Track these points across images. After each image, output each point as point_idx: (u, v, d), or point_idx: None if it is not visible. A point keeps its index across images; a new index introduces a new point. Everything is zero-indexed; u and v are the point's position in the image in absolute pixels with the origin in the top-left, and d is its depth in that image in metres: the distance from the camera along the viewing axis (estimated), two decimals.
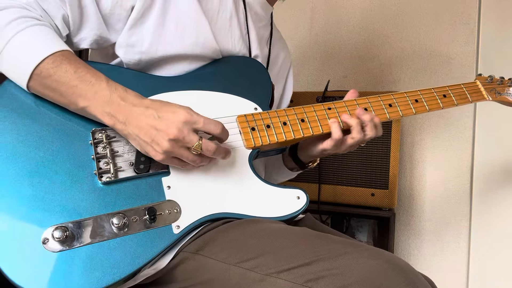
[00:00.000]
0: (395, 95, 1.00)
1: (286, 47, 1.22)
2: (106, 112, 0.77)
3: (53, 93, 0.78)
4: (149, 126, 0.75)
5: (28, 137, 0.77)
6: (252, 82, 0.96)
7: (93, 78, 0.77)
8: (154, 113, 0.76)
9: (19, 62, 0.77)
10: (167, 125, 0.74)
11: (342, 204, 1.64)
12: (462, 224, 1.79)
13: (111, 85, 0.77)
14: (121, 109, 0.76)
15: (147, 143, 0.76)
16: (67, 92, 0.77)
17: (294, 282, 0.68)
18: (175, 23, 0.88)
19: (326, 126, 0.93)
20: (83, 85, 0.76)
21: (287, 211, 0.86)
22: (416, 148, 1.86)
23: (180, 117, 0.75)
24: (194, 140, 0.76)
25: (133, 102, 0.77)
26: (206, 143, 0.77)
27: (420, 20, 1.86)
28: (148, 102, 0.77)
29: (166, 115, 0.75)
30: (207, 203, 0.82)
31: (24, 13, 0.78)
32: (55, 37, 0.80)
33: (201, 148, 0.76)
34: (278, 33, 1.18)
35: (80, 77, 0.76)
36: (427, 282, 0.72)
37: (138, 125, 0.76)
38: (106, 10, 0.86)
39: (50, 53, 0.76)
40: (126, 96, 0.77)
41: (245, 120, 0.89)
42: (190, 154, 0.77)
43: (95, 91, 0.76)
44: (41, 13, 0.81)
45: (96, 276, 0.72)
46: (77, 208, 0.75)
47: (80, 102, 0.77)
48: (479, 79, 1.12)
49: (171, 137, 0.74)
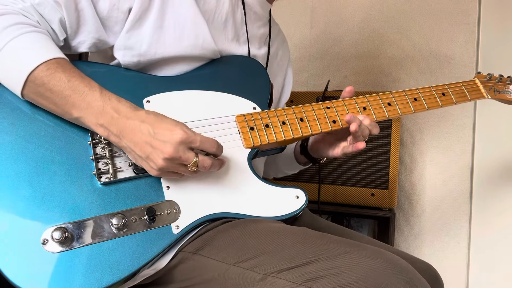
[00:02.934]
0: (394, 93, 1.00)
1: (285, 41, 1.22)
2: (100, 124, 0.76)
3: (47, 101, 0.77)
4: (144, 142, 0.74)
5: (27, 138, 0.77)
6: (251, 81, 0.96)
7: (86, 88, 0.76)
8: (150, 129, 0.74)
9: (13, 68, 0.76)
10: (163, 144, 0.73)
11: (342, 204, 1.64)
12: (462, 224, 1.79)
13: (104, 96, 0.76)
14: (114, 121, 0.75)
15: (142, 158, 0.76)
16: (60, 102, 0.76)
17: (294, 281, 0.68)
18: (173, 24, 0.88)
19: (325, 125, 0.93)
20: (76, 95, 0.75)
21: (286, 211, 0.85)
22: (416, 148, 1.86)
23: (176, 136, 0.74)
24: (190, 158, 0.75)
25: (127, 115, 0.75)
26: (202, 161, 0.76)
27: (420, 20, 1.86)
28: (142, 115, 0.76)
29: (162, 132, 0.74)
30: (206, 203, 0.82)
31: (20, 19, 0.78)
32: (51, 44, 0.79)
33: (197, 166, 0.76)
34: (277, 27, 1.18)
35: (73, 86, 0.75)
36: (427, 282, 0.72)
37: (132, 139, 0.75)
38: (104, 13, 0.85)
39: (44, 60, 0.75)
40: (119, 107, 0.76)
41: (244, 119, 0.89)
42: (186, 169, 0.77)
43: (88, 102, 0.75)
44: (38, 19, 0.81)
45: (96, 276, 0.72)
46: (77, 208, 0.75)
47: (74, 113, 0.76)
48: (478, 77, 1.12)
49: (167, 156, 0.73)
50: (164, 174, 0.78)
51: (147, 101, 0.86)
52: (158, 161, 0.74)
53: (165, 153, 0.73)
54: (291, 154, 1.15)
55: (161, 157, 0.74)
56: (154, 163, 0.75)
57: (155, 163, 0.74)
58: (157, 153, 0.74)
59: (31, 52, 0.76)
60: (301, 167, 1.16)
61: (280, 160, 1.19)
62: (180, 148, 0.74)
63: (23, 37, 0.76)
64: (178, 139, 0.74)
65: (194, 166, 0.76)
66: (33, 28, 0.78)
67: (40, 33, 0.79)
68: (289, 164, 1.18)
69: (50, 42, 0.79)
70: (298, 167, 1.17)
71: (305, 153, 1.09)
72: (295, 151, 1.14)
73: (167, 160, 0.74)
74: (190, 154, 0.75)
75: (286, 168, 1.20)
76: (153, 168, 0.76)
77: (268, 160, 1.19)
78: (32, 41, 0.77)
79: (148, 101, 0.86)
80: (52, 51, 0.78)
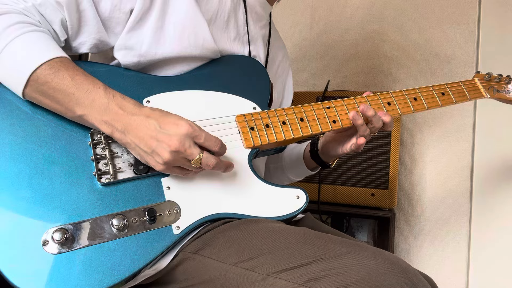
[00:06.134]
0: (393, 93, 1.00)
1: (284, 47, 1.22)
2: (104, 121, 0.76)
3: (49, 100, 0.77)
4: (149, 136, 0.75)
5: (26, 138, 0.77)
6: (251, 81, 0.96)
7: (90, 85, 0.76)
8: (156, 124, 0.75)
9: (15, 67, 0.76)
10: (169, 137, 0.74)
11: (342, 204, 1.64)
12: (462, 224, 1.79)
13: (109, 93, 0.77)
14: (119, 118, 0.76)
15: (147, 153, 0.76)
16: (64, 100, 0.76)
17: (294, 282, 0.68)
18: (174, 25, 0.88)
19: (325, 125, 0.93)
20: (80, 93, 0.76)
21: (286, 211, 0.85)
22: (416, 148, 1.86)
23: (182, 129, 0.75)
24: (195, 153, 0.75)
25: (132, 111, 0.76)
26: (206, 158, 0.77)
27: (420, 20, 1.86)
28: (147, 111, 0.77)
29: (168, 126, 0.75)
30: (207, 204, 0.82)
31: (22, 19, 0.78)
32: (53, 43, 0.79)
33: (200, 163, 0.76)
34: (276, 32, 1.18)
35: (77, 84, 0.76)
36: (427, 282, 0.72)
37: (137, 135, 0.76)
38: (105, 14, 0.85)
39: (47, 59, 0.75)
40: (124, 104, 0.77)
41: (244, 119, 0.89)
42: (190, 165, 0.77)
43: (92, 99, 0.76)
44: (39, 19, 0.81)
45: (96, 277, 0.72)
46: (77, 209, 0.75)
47: (77, 110, 0.76)
48: (477, 77, 1.12)
49: (173, 149, 0.74)
50: (169, 169, 0.78)
51: (147, 101, 0.86)
52: (164, 154, 0.74)
53: (171, 145, 0.74)
54: (300, 159, 1.14)
55: (167, 150, 0.74)
56: (159, 157, 0.75)
57: (161, 157, 0.75)
58: (163, 146, 0.74)
59: (34, 51, 0.76)
60: (309, 172, 1.15)
61: (287, 167, 1.18)
62: (185, 141, 0.75)
63: (25, 36, 0.76)
64: (184, 131, 0.75)
65: (198, 162, 0.76)
66: (34, 27, 0.78)
67: (42, 32, 0.79)
68: (296, 169, 1.16)
69: (52, 41, 0.79)
70: (306, 173, 1.15)
71: (315, 157, 1.09)
72: (305, 156, 1.13)
73: (173, 153, 0.74)
74: (195, 149, 0.76)
75: (293, 174, 1.19)
76: (158, 163, 0.76)
77: (270, 167, 1.19)
78: (34, 40, 0.77)
79: (148, 101, 0.86)
80: (55, 50, 0.78)
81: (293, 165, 1.16)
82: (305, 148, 1.13)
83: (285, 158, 1.18)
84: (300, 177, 1.20)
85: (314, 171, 1.15)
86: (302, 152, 1.14)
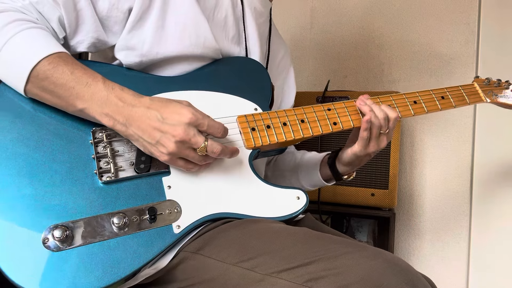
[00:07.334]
0: (393, 96, 1.00)
1: (284, 44, 1.22)
2: (105, 114, 0.76)
3: (50, 95, 0.77)
4: (152, 128, 0.75)
5: (27, 136, 0.77)
6: (252, 82, 0.96)
7: (89, 79, 0.77)
8: (157, 115, 0.75)
9: (15, 64, 0.76)
10: (173, 127, 0.74)
11: (342, 204, 1.64)
12: (462, 224, 1.79)
13: (108, 85, 0.77)
14: (119, 110, 0.76)
15: (151, 144, 0.76)
16: (64, 94, 0.76)
17: (294, 282, 0.68)
18: (175, 24, 0.88)
19: (326, 127, 0.93)
20: (80, 87, 0.76)
21: (287, 211, 0.86)
22: (416, 148, 1.86)
23: (185, 118, 0.75)
24: (200, 141, 0.76)
25: (132, 103, 0.76)
26: (211, 146, 0.77)
27: (420, 20, 1.86)
28: (147, 102, 0.77)
29: (171, 116, 0.75)
30: (208, 203, 0.82)
31: (20, 16, 0.78)
32: (52, 39, 0.79)
33: (206, 150, 0.77)
34: (277, 32, 1.18)
35: (76, 78, 0.76)
36: (427, 282, 0.72)
37: (140, 126, 0.76)
38: (103, 13, 0.85)
39: (46, 55, 0.75)
40: (123, 96, 0.77)
41: (245, 120, 0.89)
42: (196, 154, 0.77)
43: (92, 92, 0.76)
44: (37, 16, 0.81)
45: (96, 275, 0.72)
46: (78, 207, 0.75)
47: (78, 104, 0.77)
48: (477, 81, 1.12)
49: (178, 139, 0.74)
50: (172, 161, 0.78)
51: None
52: (169, 145, 0.75)
53: (176, 135, 0.74)
54: (317, 165, 1.11)
55: (172, 140, 0.74)
56: (164, 148, 0.75)
57: (166, 147, 0.75)
58: (168, 137, 0.74)
59: (33, 48, 0.76)
60: (323, 181, 1.10)
61: (301, 172, 1.14)
62: (190, 130, 0.75)
63: (23, 33, 0.76)
64: (187, 120, 0.75)
65: (204, 150, 0.76)
66: (32, 24, 0.78)
67: (40, 28, 0.79)
68: (309, 176, 1.13)
69: (50, 37, 0.80)
70: (320, 181, 1.11)
71: (332, 167, 1.06)
72: (322, 161, 1.10)
73: (178, 143, 0.75)
74: (200, 137, 0.76)
75: (306, 181, 1.15)
76: (163, 153, 0.76)
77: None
78: (32, 37, 0.77)
79: None
80: (53, 45, 0.78)
81: (308, 170, 1.14)
82: (325, 155, 1.11)
83: (303, 163, 1.16)
84: (312, 185, 1.15)
85: (329, 183, 1.11)
86: (321, 158, 1.11)
